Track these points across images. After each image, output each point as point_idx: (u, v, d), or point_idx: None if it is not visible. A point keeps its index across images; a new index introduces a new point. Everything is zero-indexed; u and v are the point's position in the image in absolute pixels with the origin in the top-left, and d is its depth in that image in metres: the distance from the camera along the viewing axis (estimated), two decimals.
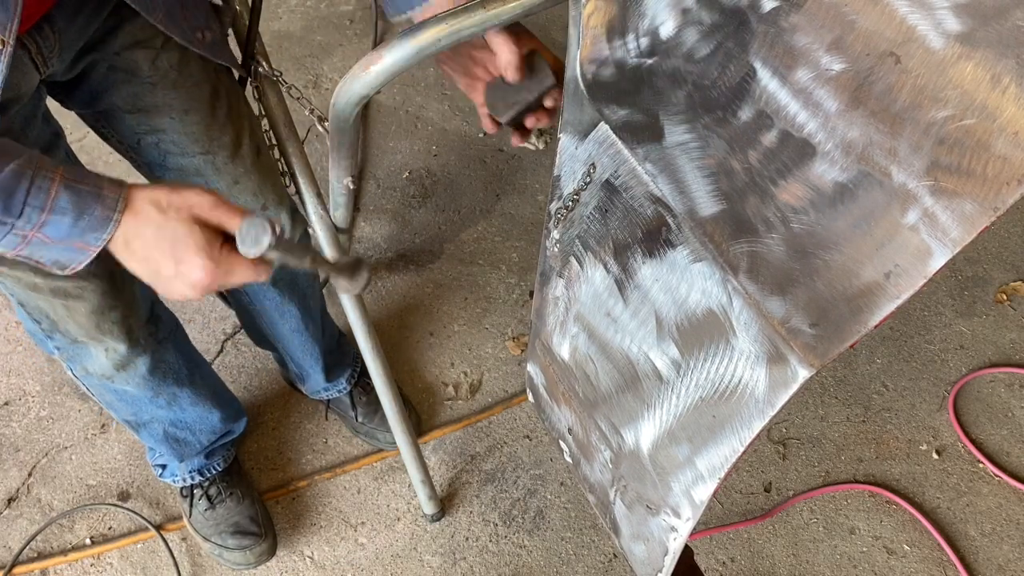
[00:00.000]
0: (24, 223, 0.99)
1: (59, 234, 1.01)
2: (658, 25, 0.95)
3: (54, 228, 1.00)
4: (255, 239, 0.97)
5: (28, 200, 0.98)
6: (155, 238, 1.02)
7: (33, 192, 0.98)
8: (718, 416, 0.91)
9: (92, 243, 1.03)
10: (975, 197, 0.69)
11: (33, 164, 0.99)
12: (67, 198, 0.99)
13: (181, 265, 1.02)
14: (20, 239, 1.01)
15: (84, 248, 1.03)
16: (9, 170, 0.97)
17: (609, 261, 1.03)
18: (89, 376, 1.65)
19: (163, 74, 1.43)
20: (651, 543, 1.09)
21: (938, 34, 0.71)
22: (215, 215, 1.04)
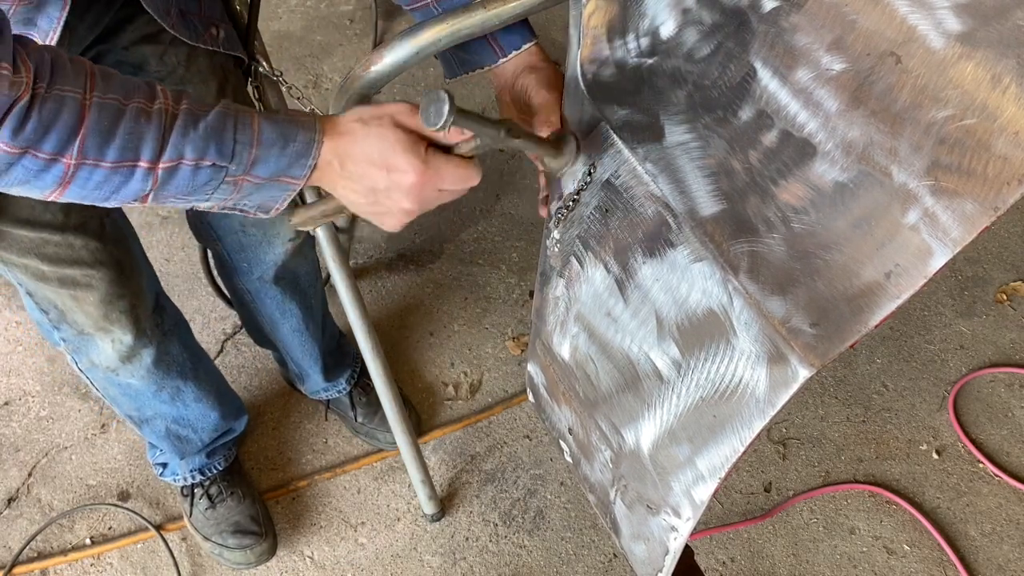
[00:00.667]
0: (236, 166, 0.99)
1: (268, 170, 1.01)
2: (658, 25, 0.95)
3: (263, 165, 1.00)
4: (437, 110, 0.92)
5: (237, 137, 0.98)
6: (364, 152, 1.02)
7: (239, 129, 0.99)
8: (718, 416, 0.91)
9: (298, 174, 1.02)
10: (975, 197, 0.69)
11: (232, 107, 1.00)
12: (269, 128, 1.00)
13: (393, 172, 1.01)
14: (232, 187, 1.01)
15: (290, 181, 1.03)
16: (215, 112, 0.98)
17: (609, 261, 1.03)
18: (94, 369, 1.66)
19: (171, 69, 1.44)
20: (651, 543, 1.09)
21: (939, 34, 0.71)
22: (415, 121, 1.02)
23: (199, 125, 0.97)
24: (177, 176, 0.98)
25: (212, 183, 1.00)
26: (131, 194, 0.98)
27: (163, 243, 2.60)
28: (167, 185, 0.98)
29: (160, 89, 0.98)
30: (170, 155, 0.96)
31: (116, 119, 0.94)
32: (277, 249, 1.75)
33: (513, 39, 1.17)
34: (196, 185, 0.99)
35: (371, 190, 1.03)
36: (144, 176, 0.97)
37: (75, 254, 1.43)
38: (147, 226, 2.59)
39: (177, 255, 2.58)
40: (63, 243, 1.40)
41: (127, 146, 0.94)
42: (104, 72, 0.96)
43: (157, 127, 0.95)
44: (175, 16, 1.34)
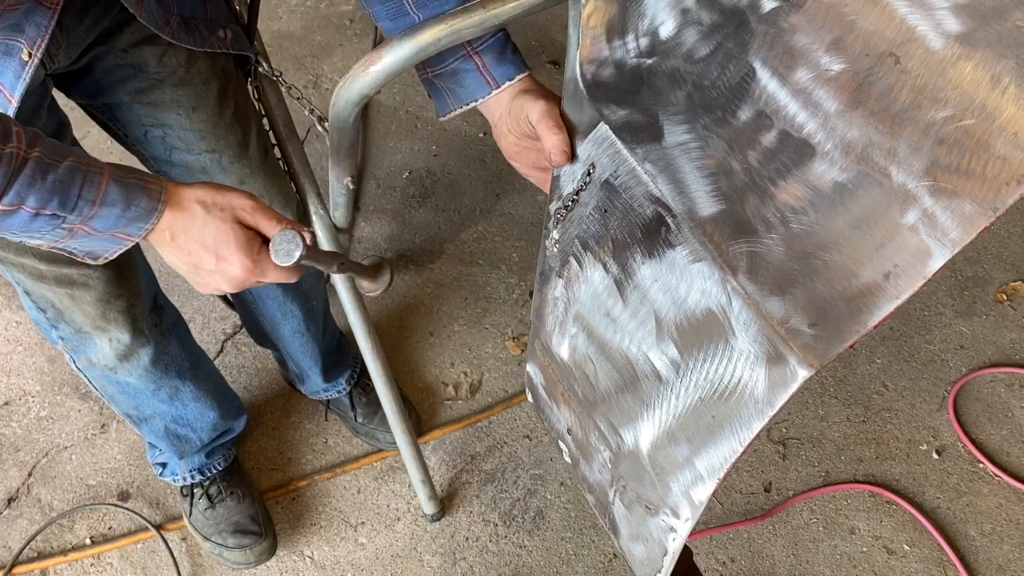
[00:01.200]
0: (75, 217, 1.03)
1: (105, 225, 1.06)
2: (658, 25, 0.95)
3: (102, 220, 1.05)
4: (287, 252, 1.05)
5: (82, 194, 1.02)
6: (199, 234, 1.08)
7: (86, 186, 1.02)
8: (717, 416, 0.91)
9: (134, 233, 1.08)
10: (974, 197, 0.69)
11: (84, 160, 1.04)
12: (116, 190, 1.04)
13: (222, 262, 1.09)
14: (66, 232, 1.05)
15: (124, 238, 1.09)
16: (64, 167, 1.01)
17: (608, 261, 1.03)
18: (92, 368, 1.66)
19: (171, 71, 1.44)
20: (650, 543, 1.09)
21: (938, 34, 0.71)
22: (254, 219, 1.11)
23: (47, 177, 1.00)
24: (14, 218, 1.01)
25: (47, 227, 1.04)
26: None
27: None
28: (2, 223, 1.02)
29: (16, 131, 1.00)
30: (12, 200, 0.99)
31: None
32: None
33: (507, 69, 1.17)
34: (31, 228, 1.03)
35: (195, 266, 1.11)
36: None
37: None
38: None
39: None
40: None
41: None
42: None
43: (4, 172, 0.97)
44: (175, 25, 1.35)
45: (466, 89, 1.18)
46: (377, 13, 1.17)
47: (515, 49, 1.19)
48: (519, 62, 1.18)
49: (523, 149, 1.18)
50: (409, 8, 1.14)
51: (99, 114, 1.52)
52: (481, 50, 1.15)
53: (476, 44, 1.15)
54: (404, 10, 1.14)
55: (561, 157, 1.09)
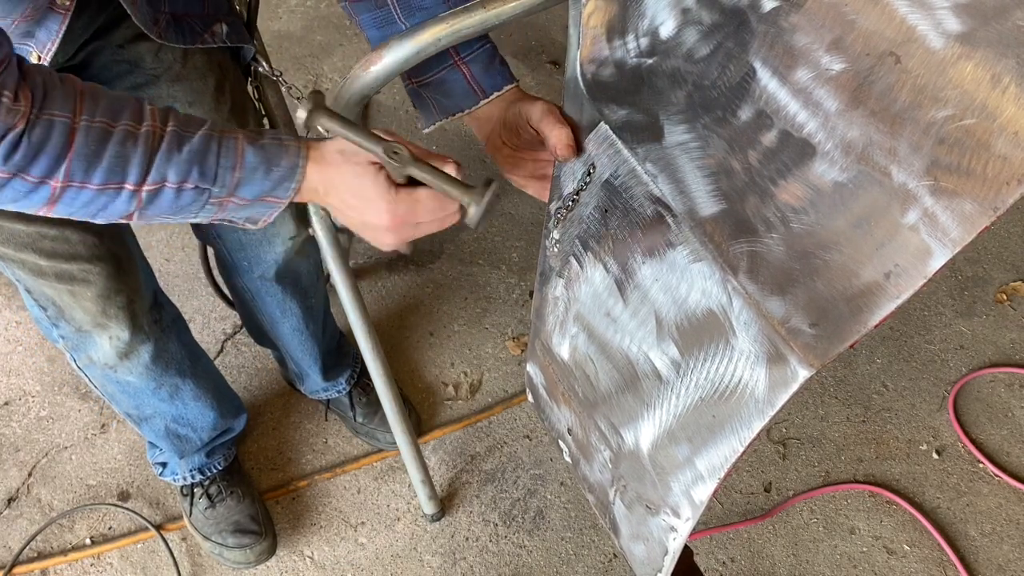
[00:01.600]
0: (220, 188, 1.02)
1: (251, 192, 1.04)
2: (658, 25, 0.95)
3: (246, 187, 1.03)
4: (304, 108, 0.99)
5: (220, 161, 1.00)
6: (344, 185, 1.05)
7: (223, 152, 1.01)
8: (718, 416, 0.91)
9: (282, 195, 1.05)
10: (975, 197, 0.69)
11: (217, 128, 1.02)
12: (253, 153, 1.02)
13: (367, 210, 1.05)
14: (216, 206, 1.04)
15: (275, 201, 1.06)
16: (200, 135, 1.00)
17: (609, 261, 1.03)
18: (92, 366, 1.66)
19: (167, 66, 1.44)
20: (651, 543, 1.09)
21: (938, 34, 0.71)
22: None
23: (183, 148, 0.99)
24: (161, 197, 1.00)
25: (196, 204, 1.02)
26: (117, 213, 1.01)
27: (163, 243, 2.60)
28: (151, 205, 1.01)
29: (149, 109, 0.99)
30: (154, 178, 0.98)
31: (103, 143, 0.95)
32: (278, 248, 1.75)
33: (495, 80, 1.16)
34: (180, 205, 1.02)
35: (353, 221, 1.09)
36: (129, 197, 0.99)
37: (72, 249, 1.43)
38: (147, 226, 2.59)
39: (177, 255, 2.58)
40: (60, 237, 1.40)
41: (113, 169, 0.96)
42: (93, 93, 0.97)
43: (143, 151, 0.97)
44: (163, 24, 1.35)
45: (452, 99, 1.17)
46: (364, 21, 1.17)
47: (503, 61, 1.19)
48: (507, 73, 1.18)
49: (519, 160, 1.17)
50: (397, 17, 1.14)
51: None
52: (469, 60, 1.14)
53: (464, 54, 1.14)
54: (391, 19, 1.14)
55: (567, 151, 1.08)
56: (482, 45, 1.15)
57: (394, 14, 1.14)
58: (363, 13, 1.16)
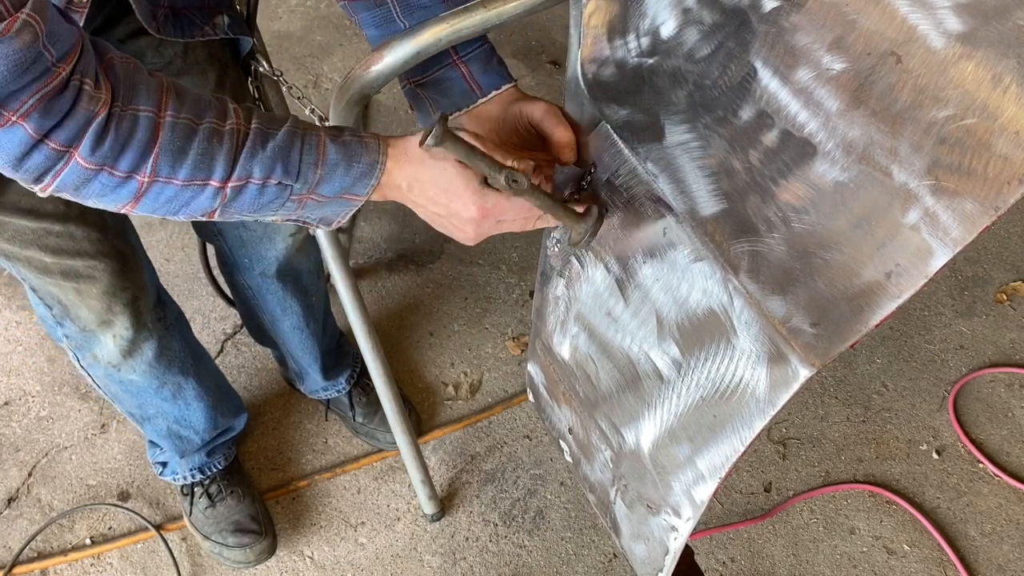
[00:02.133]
0: (301, 185, 1.02)
1: (332, 189, 1.04)
2: (659, 25, 0.95)
3: (327, 184, 1.03)
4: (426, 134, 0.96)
5: (303, 157, 1.01)
6: (430, 180, 1.05)
7: (306, 149, 1.01)
8: (719, 415, 0.91)
9: (361, 192, 1.05)
10: (976, 197, 0.69)
11: (301, 125, 1.02)
12: (335, 150, 1.02)
13: (453, 203, 1.05)
14: (296, 203, 1.04)
15: (353, 199, 1.06)
16: (284, 131, 1.00)
17: (610, 261, 1.03)
18: (96, 365, 1.66)
19: (168, 60, 1.44)
20: (651, 543, 1.09)
21: (939, 34, 0.71)
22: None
23: (268, 145, 0.99)
24: (245, 194, 1.00)
25: (278, 200, 1.02)
26: (199, 209, 1.01)
27: (163, 243, 2.60)
28: (234, 202, 1.01)
29: (232, 108, 1.00)
30: (239, 174, 0.99)
31: (189, 138, 0.96)
32: (278, 245, 1.75)
33: (493, 79, 1.15)
34: (262, 202, 1.02)
35: (436, 215, 1.07)
36: (214, 194, 0.99)
37: (77, 245, 1.43)
38: (147, 226, 2.59)
39: (177, 255, 2.58)
40: (65, 233, 1.40)
41: (199, 165, 0.97)
42: (178, 89, 0.98)
43: (229, 147, 0.98)
44: (161, 19, 1.34)
45: (450, 99, 1.16)
46: (364, 20, 1.16)
47: (501, 61, 1.18)
48: (505, 72, 1.17)
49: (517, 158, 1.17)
50: (396, 16, 1.13)
51: None
52: (467, 59, 1.14)
53: (462, 53, 1.14)
54: (391, 17, 1.13)
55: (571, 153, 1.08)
56: (480, 44, 1.15)
57: (393, 13, 1.14)
58: (362, 12, 1.16)
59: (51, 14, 0.87)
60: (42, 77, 0.86)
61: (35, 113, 0.87)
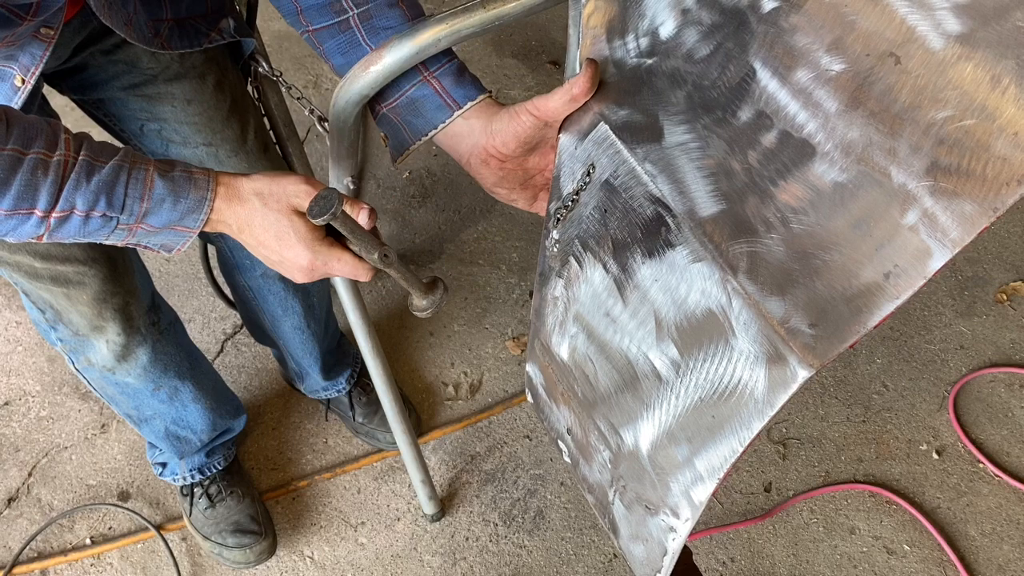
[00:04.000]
0: (127, 216, 1.04)
1: (160, 221, 1.06)
2: (658, 25, 0.95)
3: (155, 216, 1.05)
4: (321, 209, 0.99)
5: (128, 191, 1.02)
6: (261, 226, 1.07)
7: (131, 184, 1.03)
8: (717, 416, 0.91)
9: (191, 225, 1.07)
10: (975, 198, 0.69)
11: (128, 158, 1.04)
12: (162, 184, 1.04)
13: (287, 251, 1.07)
14: (126, 232, 1.06)
15: (185, 231, 1.08)
16: (110, 167, 1.02)
17: (608, 261, 1.03)
18: (91, 368, 1.66)
19: (164, 65, 1.44)
20: (650, 543, 1.09)
21: (938, 35, 0.71)
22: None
23: (92, 178, 1.01)
24: (69, 223, 1.02)
25: (104, 229, 1.04)
26: (25, 235, 1.03)
27: None
28: (59, 230, 1.03)
29: (64, 138, 1.01)
30: (62, 206, 1.00)
31: (13, 171, 0.97)
32: None
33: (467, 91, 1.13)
34: (88, 231, 1.04)
35: (267, 257, 1.10)
36: (38, 223, 1.01)
37: (67, 250, 1.43)
38: None
39: (177, 255, 2.58)
40: None
41: (23, 196, 0.98)
42: (9, 117, 0.99)
43: (53, 179, 0.99)
44: (165, 34, 1.34)
45: (424, 118, 1.14)
46: (329, 49, 1.15)
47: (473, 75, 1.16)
48: (478, 84, 1.14)
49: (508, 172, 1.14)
50: (362, 40, 1.12)
51: (93, 109, 1.52)
52: (438, 74, 1.12)
53: (433, 68, 1.12)
54: (356, 42, 1.12)
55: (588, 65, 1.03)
56: (450, 60, 1.14)
57: (359, 37, 1.12)
58: (327, 41, 1.15)
59: None
60: None
61: None
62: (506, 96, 2.88)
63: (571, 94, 1.03)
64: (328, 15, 1.13)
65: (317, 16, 1.13)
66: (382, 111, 1.17)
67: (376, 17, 1.11)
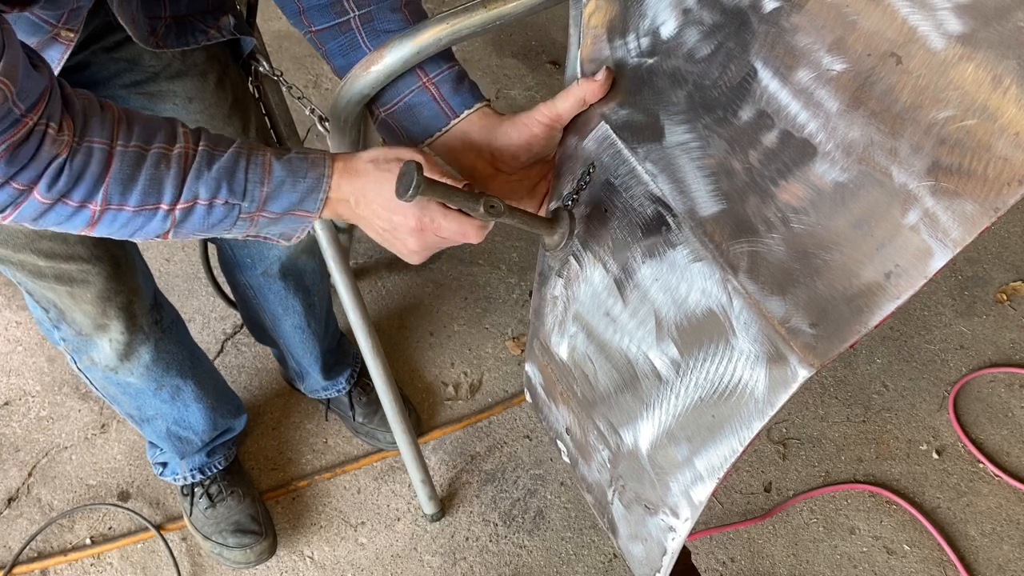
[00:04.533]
0: (249, 203, 1.03)
1: (280, 206, 1.05)
2: (659, 25, 0.95)
3: (275, 201, 1.04)
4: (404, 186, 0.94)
5: (248, 176, 1.02)
6: (374, 191, 1.05)
7: (251, 168, 1.03)
8: (717, 416, 0.91)
9: (311, 208, 1.06)
10: (976, 198, 0.69)
11: (246, 145, 1.04)
12: (280, 167, 1.04)
13: (395, 215, 1.05)
14: (248, 222, 1.06)
15: (305, 215, 1.07)
16: (230, 152, 1.02)
17: (608, 261, 1.03)
18: (93, 368, 1.66)
19: (166, 63, 1.43)
20: (649, 543, 1.09)
21: (939, 35, 0.71)
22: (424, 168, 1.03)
23: (213, 166, 1.01)
24: (193, 215, 1.02)
25: (228, 219, 1.04)
26: (152, 232, 1.03)
27: (163, 243, 2.60)
28: (184, 223, 1.03)
29: (182, 131, 1.01)
30: (186, 196, 1.01)
31: (138, 166, 0.98)
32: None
33: (465, 99, 1.12)
34: (211, 222, 1.04)
35: (381, 229, 1.07)
36: (164, 217, 1.01)
37: (70, 249, 1.43)
38: None
39: (177, 255, 2.58)
40: (57, 237, 1.40)
41: (148, 192, 0.99)
42: (130, 117, 0.99)
43: (176, 171, 0.99)
44: (162, 32, 1.34)
45: (420, 125, 1.14)
46: (331, 50, 1.16)
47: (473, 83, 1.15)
48: (477, 93, 1.14)
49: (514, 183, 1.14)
50: (362, 42, 1.12)
51: None
52: (438, 80, 1.12)
53: (433, 74, 1.12)
54: (356, 44, 1.12)
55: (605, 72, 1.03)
56: (451, 66, 1.14)
57: (359, 39, 1.12)
58: (329, 42, 1.15)
59: (21, 72, 0.88)
60: (10, 129, 0.88)
61: (1, 162, 0.90)
62: (506, 96, 2.89)
63: (582, 98, 1.05)
64: (330, 16, 1.13)
65: (319, 17, 1.13)
66: (381, 115, 1.17)
67: (377, 20, 1.12)
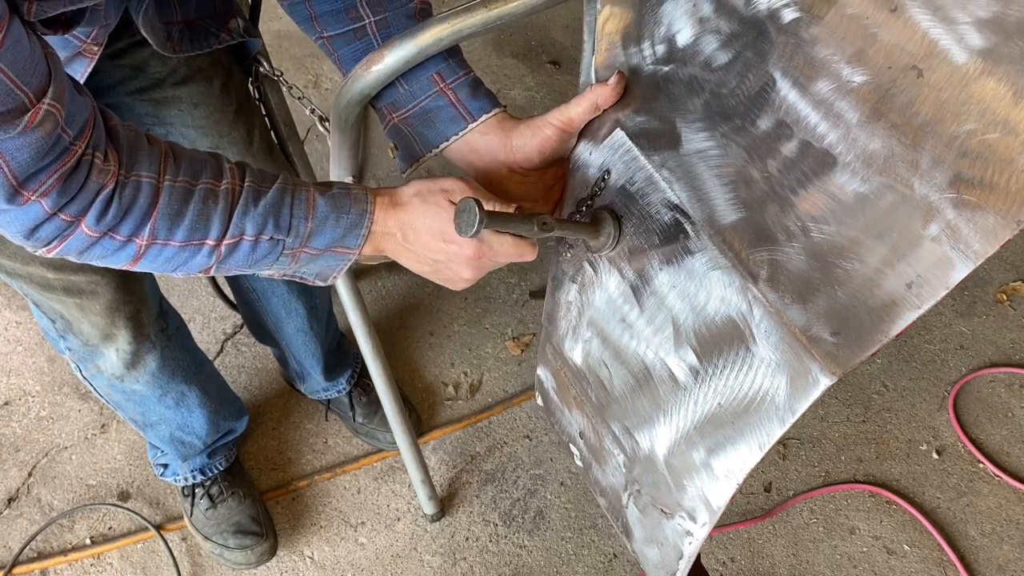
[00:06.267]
0: (293, 239, 1.03)
1: (323, 242, 1.05)
2: (675, 33, 0.95)
3: (318, 237, 1.04)
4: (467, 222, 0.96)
5: (293, 212, 1.02)
6: (425, 224, 1.05)
7: (296, 204, 1.02)
8: (737, 422, 0.91)
9: (352, 244, 1.06)
10: (998, 210, 0.70)
11: (289, 181, 1.04)
12: (324, 202, 1.03)
13: (451, 245, 1.05)
14: (290, 258, 1.05)
15: (345, 252, 1.07)
16: (275, 188, 1.02)
17: (624, 267, 1.03)
18: (99, 376, 1.66)
19: (171, 69, 1.43)
20: (665, 547, 1.10)
21: (961, 49, 0.72)
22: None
23: (260, 202, 1.01)
24: (239, 250, 1.02)
25: (271, 255, 1.04)
26: (196, 267, 1.03)
27: None
28: (229, 259, 1.03)
29: (228, 167, 1.01)
30: (232, 232, 1.01)
31: (186, 201, 0.98)
32: None
33: (482, 103, 1.13)
34: (256, 258, 1.04)
35: (433, 260, 1.07)
36: (209, 252, 1.01)
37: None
38: None
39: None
40: None
41: (195, 226, 0.99)
42: (176, 152, 0.99)
43: (223, 207, 0.99)
44: (176, 37, 1.34)
45: (437, 129, 1.14)
46: (344, 56, 1.15)
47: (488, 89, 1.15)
48: (494, 98, 1.14)
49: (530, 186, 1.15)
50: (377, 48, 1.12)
51: None
52: (455, 85, 1.12)
53: (450, 80, 1.12)
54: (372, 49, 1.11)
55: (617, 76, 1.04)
56: (466, 73, 1.14)
57: (375, 44, 1.12)
58: (343, 48, 1.14)
59: (68, 95, 0.88)
60: (61, 157, 0.88)
61: (53, 192, 0.90)
62: (506, 96, 2.88)
63: (595, 103, 1.05)
64: (344, 22, 1.12)
65: (332, 23, 1.13)
66: (393, 121, 1.16)
67: (393, 26, 1.11)
